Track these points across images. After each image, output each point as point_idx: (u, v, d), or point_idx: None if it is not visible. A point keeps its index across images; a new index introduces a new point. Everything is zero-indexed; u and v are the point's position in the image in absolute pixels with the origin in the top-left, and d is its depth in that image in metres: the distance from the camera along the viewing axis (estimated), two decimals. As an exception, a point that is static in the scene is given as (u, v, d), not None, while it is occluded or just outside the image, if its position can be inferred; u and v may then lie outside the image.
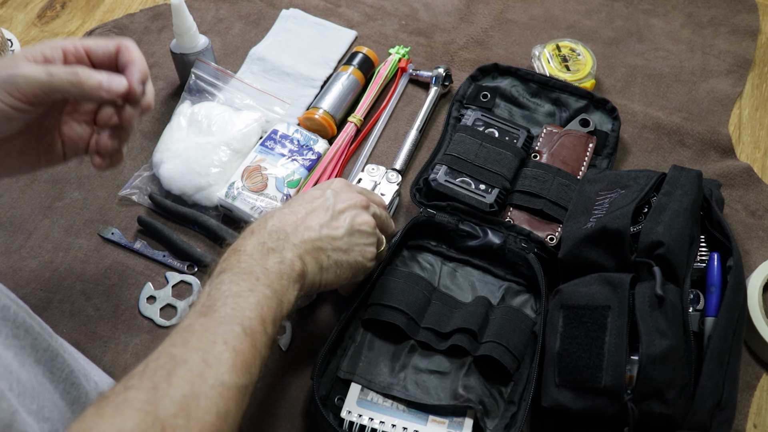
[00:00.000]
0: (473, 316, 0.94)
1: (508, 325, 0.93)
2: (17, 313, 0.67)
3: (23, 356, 0.67)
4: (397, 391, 0.90)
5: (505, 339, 0.91)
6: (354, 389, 0.89)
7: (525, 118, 1.18)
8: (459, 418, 0.88)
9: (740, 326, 0.89)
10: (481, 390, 0.90)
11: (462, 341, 0.92)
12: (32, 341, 0.68)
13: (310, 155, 1.12)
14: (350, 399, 0.88)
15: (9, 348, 0.65)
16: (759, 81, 1.29)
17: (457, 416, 0.89)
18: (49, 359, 0.70)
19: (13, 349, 0.66)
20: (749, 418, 0.93)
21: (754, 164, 1.17)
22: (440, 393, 0.90)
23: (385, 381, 0.91)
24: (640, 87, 1.27)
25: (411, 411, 0.89)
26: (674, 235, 0.88)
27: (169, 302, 1.00)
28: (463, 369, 0.92)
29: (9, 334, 0.66)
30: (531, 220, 1.04)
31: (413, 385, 0.91)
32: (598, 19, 1.37)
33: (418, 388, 0.90)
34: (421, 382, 0.91)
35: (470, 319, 0.93)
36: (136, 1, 1.39)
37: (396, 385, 0.91)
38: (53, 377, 0.70)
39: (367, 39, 1.33)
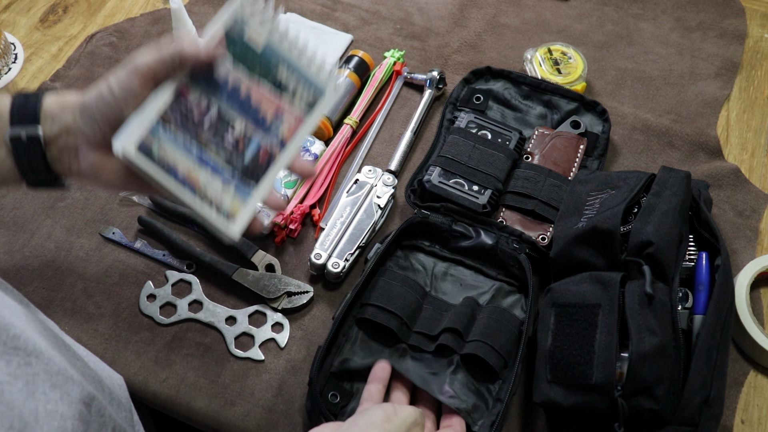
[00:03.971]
0: (460, 316, 0.95)
1: (495, 324, 0.94)
2: (28, 340, 0.66)
3: (35, 384, 0.66)
4: (395, 362, 0.92)
5: (490, 338, 0.92)
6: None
7: (517, 120, 1.19)
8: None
9: (728, 324, 0.90)
10: (468, 388, 0.92)
11: (448, 340, 0.93)
12: (45, 366, 0.67)
13: (307, 156, 1.13)
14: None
15: (19, 378, 0.64)
16: (746, 84, 1.30)
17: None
18: (62, 382, 0.69)
19: (24, 378, 0.65)
20: (737, 413, 0.94)
21: (742, 165, 1.18)
22: (430, 389, 0.91)
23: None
24: (630, 90, 1.28)
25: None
26: (663, 235, 0.89)
27: (168, 300, 1.01)
28: (451, 367, 0.93)
29: (21, 362, 0.65)
30: (523, 220, 1.05)
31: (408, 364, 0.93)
32: (588, 23, 1.38)
33: (409, 372, 0.91)
34: (410, 368, 0.93)
35: (456, 320, 0.95)
36: (136, 6, 1.40)
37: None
38: (67, 401, 0.68)
39: (363, 43, 1.34)
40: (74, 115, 0.77)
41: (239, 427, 0.92)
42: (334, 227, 1.04)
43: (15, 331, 0.65)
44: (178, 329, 0.99)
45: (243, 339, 0.99)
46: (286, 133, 0.81)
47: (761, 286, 1.05)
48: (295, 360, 0.97)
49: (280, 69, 0.81)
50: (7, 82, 1.26)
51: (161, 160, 0.74)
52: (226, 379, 0.95)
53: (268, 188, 0.81)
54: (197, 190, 0.76)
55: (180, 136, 0.76)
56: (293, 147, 0.82)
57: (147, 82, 0.74)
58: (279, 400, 0.94)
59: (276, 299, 1.01)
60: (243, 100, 0.79)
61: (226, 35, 0.77)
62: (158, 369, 0.96)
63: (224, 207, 0.78)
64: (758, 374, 0.98)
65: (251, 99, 0.79)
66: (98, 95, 0.75)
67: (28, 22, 1.36)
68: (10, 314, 0.67)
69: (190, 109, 0.76)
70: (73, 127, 0.77)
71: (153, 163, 0.74)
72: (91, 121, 0.76)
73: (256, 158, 0.80)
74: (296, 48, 0.82)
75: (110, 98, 0.74)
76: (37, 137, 0.76)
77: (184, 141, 0.76)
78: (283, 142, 0.81)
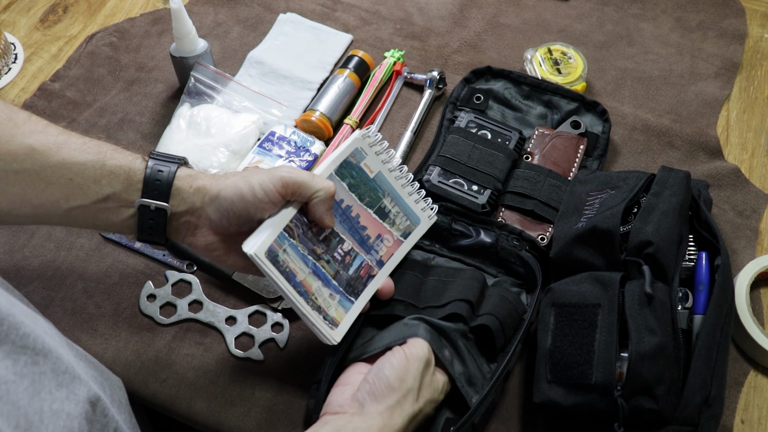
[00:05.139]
0: (470, 288, 0.95)
1: (506, 303, 0.94)
2: (37, 339, 0.67)
3: (41, 383, 0.66)
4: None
5: (501, 316, 0.92)
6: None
7: (517, 120, 1.19)
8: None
9: (728, 324, 0.90)
10: (469, 359, 0.91)
11: (461, 308, 0.92)
12: (52, 366, 0.68)
13: (307, 156, 1.13)
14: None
15: (25, 377, 0.65)
16: (746, 84, 1.30)
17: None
18: (69, 382, 0.70)
19: (30, 377, 0.65)
20: (737, 413, 0.94)
21: (742, 165, 1.18)
22: (429, 336, 0.89)
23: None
24: (630, 90, 1.28)
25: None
26: (663, 235, 0.89)
27: (168, 300, 1.01)
28: (457, 333, 0.91)
29: (29, 361, 0.66)
30: (522, 220, 1.05)
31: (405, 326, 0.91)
32: (588, 24, 1.38)
33: (407, 327, 0.90)
34: (410, 323, 0.91)
35: (467, 291, 0.94)
36: (136, 6, 1.40)
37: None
38: (73, 400, 0.69)
39: (363, 43, 1.34)
40: (204, 200, 0.82)
41: (239, 427, 0.92)
42: (334, 227, 1.04)
43: (25, 329, 0.66)
44: (178, 329, 0.99)
45: (243, 339, 0.99)
46: (384, 254, 0.93)
47: (761, 286, 1.04)
48: (295, 360, 0.97)
49: (386, 196, 0.93)
50: (7, 82, 1.26)
51: (283, 266, 0.83)
52: (226, 379, 0.95)
53: (366, 302, 0.91)
54: (310, 296, 0.85)
55: (300, 246, 0.85)
56: (389, 267, 0.94)
57: (286, 195, 0.82)
58: (279, 400, 0.94)
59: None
60: (353, 220, 0.90)
61: (345, 161, 0.89)
62: (158, 369, 0.96)
63: (330, 314, 0.86)
64: (758, 374, 0.98)
65: (359, 220, 0.90)
66: (237, 193, 0.81)
67: (28, 22, 1.36)
68: (19, 313, 0.67)
69: (309, 225, 0.86)
70: (200, 211, 0.83)
71: (276, 268, 0.82)
72: (221, 212, 0.82)
73: (357, 273, 0.90)
74: (402, 179, 0.94)
75: (250, 198, 0.81)
76: (164, 210, 0.82)
77: (303, 251, 0.85)
78: (381, 261, 0.93)
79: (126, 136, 1.18)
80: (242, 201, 0.80)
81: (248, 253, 0.80)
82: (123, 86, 1.26)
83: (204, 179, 0.83)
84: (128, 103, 1.23)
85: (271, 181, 0.80)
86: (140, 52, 1.31)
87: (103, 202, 0.81)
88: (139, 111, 1.22)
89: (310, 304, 0.84)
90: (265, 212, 0.82)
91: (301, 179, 0.82)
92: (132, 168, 0.81)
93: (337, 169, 0.88)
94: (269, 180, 0.81)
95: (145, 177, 0.81)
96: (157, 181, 0.81)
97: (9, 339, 0.64)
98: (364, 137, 0.90)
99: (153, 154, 0.83)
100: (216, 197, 0.81)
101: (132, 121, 1.20)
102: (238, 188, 0.81)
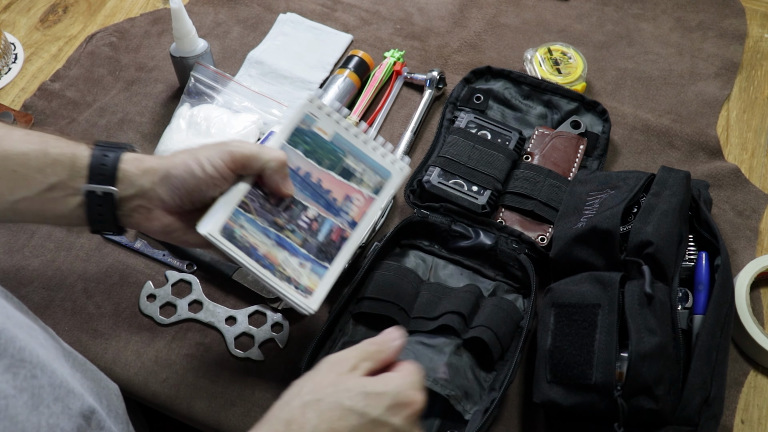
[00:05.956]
0: (463, 300, 0.95)
1: (500, 313, 0.94)
2: (33, 351, 0.66)
3: (41, 397, 0.66)
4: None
5: (495, 326, 0.92)
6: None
7: (517, 120, 1.19)
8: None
9: (728, 324, 0.90)
10: (465, 373, 0.91)
11: (453, 321, 0.93)
12: (48, 378, 0.67)
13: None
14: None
15: (25, 390, 0.64)
16: (746, 84, 1.30)
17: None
18: (64, 395, 0.69)
19: (30, 391, 0.64)
20: (737, 413, 0.94)
21: (742, 165, 1.18)
22: (421, 362, 0.87)
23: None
24: (630, 90, 1.28)
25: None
26: (663, 235, 0.89)
27: (168, 300, 1.01)
28: (451, 347, 0.93)
29: (28, 375, 0.65)
30: (522, 221, 1.05)
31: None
32: (588, 24, 1.38)
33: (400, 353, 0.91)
34: (404, 348, 0.91)
35: (460, 303, 0.95)
36: (136, 6, 1.40)
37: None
38: (67, 414, 0.68)
39: (363, 43, 1.34)
40: (154, 181, 0.81)
41: (239, 427, 0.92)
42: (334, 227, 1.04)
43: (20, 343, 0.65)
44: (178, 329, 0.99)
45: (243, 339, 0.99)
46: (356, 214, 0.90)
47: (761, 286, 1.05)
48: (295, 360, 0.97)
49: (347, 156, 0.90)
50: (7, 82, 1.26)
51: (242, 241, 0.82)
52: (226, 379, 0.95)
53: (343, 265, 0.88)
54: (276, 268, 0.83)
55: (259, 220, 0.84)
56: (363, 225, 0.90)
57: (236, 169, 0.81)
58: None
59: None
60: (315, 186, 0.88)
61: (296, 129, 0.87)
62: (158, 369, 0.96)
63: (302, 283, 0.85)
64: (758, 374, 0.98)
65: (322, 185, 0.88)
66: (187, 170, 0.80)
67: (28, 21, 1.36)
68: (13, 326, 0.67)
69: (266, 196, 0.85)
70: (150, 192, 0.81)
71: (234, 245, 0.82)
72: (173, 191, 0.80)
73: (329, 238, 0.88)
74: (362, 135, 0.91)
75: (200, 175, 0.80)
76: (111, 194, 0.80)
77: (262, 224, 0.84)
78: (354, 221, 0.90)
79: (126, 136, 1.18)
80: (193, 178, 0.80)
81: (202, 233, 0.80)
82: (123, 86, 1.26)
83: (151, 161, 0.82)
84: (128, 103, 1.23)
85: (220, 155, 0.80)
86: (140, 52, 1.31)
87: (49, 191, 0.80)
88: (139, 111, 1.22)
89: (278, 276, 0.83)
90: (217, 188, 0.81)
91: (249, 152, 0.81)
92: (76, 155, 0.80)
93: (288, 139, 0.87)
94: (218, 155, 0.80)
95: (90, 162, 0.80)
96: (102, 165, 0.80)
97: (8, 353, 0.64)
98: (311, 101, 0.88)
99: (98, 142, 0.82)
100: (166, 176, 0.80)
101: (132, 121, 1.20)
102: (188, 165, 0.80)
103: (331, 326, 0.94)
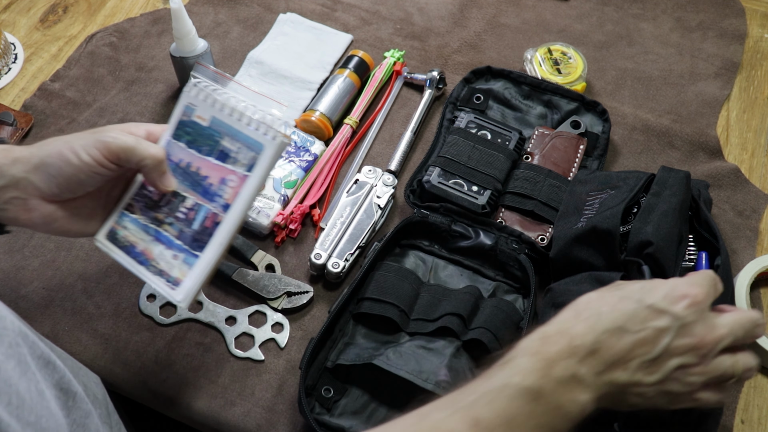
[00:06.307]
0: (462, 302, 0.95)
1: (500, 314, 0.94)
2: (14, 322, 0.68)
3: (25, 364, 0.68)
4: (379, 360, 0.91)
5: (494, 327, 0.92)
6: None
7: (517, 120, 1.19)
8: None
9: (728, 324, 0.91)
10: (465, 374, 0.91)
11: (452, 323, 0.93)
12: (29, 349, 0.69)
13: (307, 156, 1.13)
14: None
15: (11, 357, 0.66)
16: (746, 84, 1.30)
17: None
18: (44, 365, 0.71)
19: (16, 358, 0.66)
20: (737, 414, 0.94)
21: (742, 165, 1.18)
22: (422, 366, 0.90)
23: (367, 353, 0.93)
24: (630, 90, 1.28)
25: None
26: (663, 235, 0.89)
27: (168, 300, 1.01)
28: (450, 349, 0.93)
29: (12, 342, 0.67)
30: (522, 221, 1.05)
31: (396, 355, 0.91)
32: (588, 24, 1.38)
33: (401, 358, 0.91)
34: (405, 353, 0.92)
35: (459, 305, 0.95)
36: (136, 6, 1.40)
37: (377, 356, 0.92)
38: (47, 384, 0.71)
39: (363, 43, 1.34)
40: (26, 170, 0.78)
41: (239, 427, 0.92)
42: (334, 227, 1.04)
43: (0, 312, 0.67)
44: (178, 329, 0.99)
45: (243, 339, 0.99)
46: (229, 196, 0.85)
47: (761, 286, 1.05)
48: (295, 360, 0.97)
49: (224, 138, 0.86)
50: (7, 82, 1.26)
51: (123, 242, 0.87)
52: (226, 379, 0.95)
53: (217, 251, 0.85)
54: (150, 263, 0.85)
55: (142, 218, 0.87)
56: (237, 207, 0.85)
57: (113, 160, 0.79)
58: (279, 400, 0.94)
59: (276, 299, 1.01)
60: (194, 175, 0.86)
61: (179, 122, 0.87)
62: (158, 369, 0.96)
63: (173, 275, 0.85)
64: (758, 374, 0.98)
65: (200, 172, 0.86)
66: (62, 158, 0.78)
67: (28, 21, 1.36)
68: None
69: (150, 194, 0.87)
70: (23, 182, 0.79)
71: (115, 245, 0.87)
72: (50, 179, 0.79)
73: (202, 226, 0.85)
74: (236, 112, 0.86)
75: (76, 163, 0.78)
76: None
77: (144, 222, 0.87)
78: (227, 204, 0.85)
79: (126, 136, 1.18)
80: (69, 166, 0.78)
81: (95, 242, 0.86)
82: (123, 86, 1.26)
83: (21, 150, 0.80)
84: (128, 103, 1.23)
85: (95, 145, 0.78)
86: (140, 52, 1.31)
87: None
88: (139, 111, 1.22)
89: (151, 270, 0.85)
90: (98, 176, 0.80)
91: (126, 144, 0.79)
92: None
93: (173, 134, 0.87)
94: (93, 144, 0.78)
95: None
96: None
97: None
98: (188, 91, 0.87)
99: None
100: (41, 164, 0.78)
101: (132, 121, 1.20)
102: (62, 154, 0.78)
103: (331, 326, 0.94)
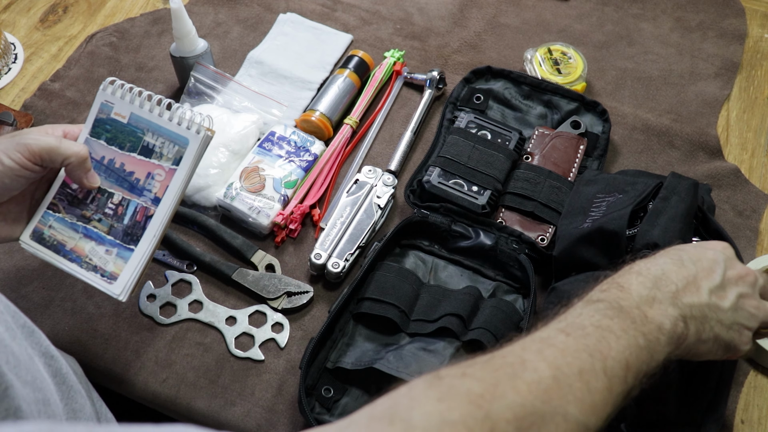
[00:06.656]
0: (462, 302, 0.95)
1: (499, 314, 0.94)
2: None
3: (12, 330, 0.69)
4: (380, 364, 0.91)
5: (494, 328, 0.92)
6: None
7: (517, 120, 1.19)
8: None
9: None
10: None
11: (452, 324, 0.93)
12: (12, 318, 0.71)
13: (307, 156, 1.13)
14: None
15: (0, 323, 0.68)
16: (746, 84, 1.30)
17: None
18: (29, 334, 0.73)
19: (4, 324, 0.68)
20: (737, 413, 0.94)
21: (742, 165, 1.18)
22: (423, 368, 0.90)
23: (368, 356, 0.93)
24: (630, 90, 1.28)
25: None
26: (669, 238, 0.88)
27: (168, 300, 1.01)
28: (451, 350, 0.93)
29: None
30: (522, 221, 1.05)
31: (396, 358, 0.92)
32: (588, 24, 1.38)
33: (401, 361, 0.91)
34: (405, 355, 0.92)
35: (459, 306, 0.95)
36: (136, 6, 1.40)
37: (378, 359, 0.92)
38: (35, 351, 0.73)
39: (363, 43, 1.34)
40: None
41: (239, 427, 0.92)
42: (334, 227, 1.04)
43: None
44: (178, 329, 0.99)
45: (243, 339, 0.99)
46: (158, 189, 0.88)
47: (761, 286, 1.05)
48: (295, 360, 0.97)
49: (147, 133, 0.88)
50: (7, 82, 1.26)
51: (50, 241, 0.88)
52: (226, 379, 0.95)
53: (151, 243, 0.88)
54: (83, 260, 0.88)
55: (68, 216, 0.89)
56: (167, 200, 0.88)
57: (36, 162, 0.81)
58: (279, 400, 0.94)
59: (276, 299, 1.01)
60: (118, 171, 0.89)
61: (96, 120, 0.89)
62: (158, 369, 0.96)
63: (108, 270, 0.87)
64: (758, 374, 0.98)
65: (125, 168, 0.89)
66: None
67: (28, 22, 1.36)
68: None
69: (74, 192, 0.89)
70: None
71: (42, 245, 0.88)
72: None
73: (134, 220, 0.88)
74: (156, 109, 0.88)
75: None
76: None
77: (71, 220, 0.89)
78: (157, 197, 0.88)
79: (126, 136, 1.18)
80: None
81: (20, 243, 0.88)
82: (123, 86, 1.26)
83: None
84: (128, 103, 1.23)
85: (17, 148, 0.80)
86: (140, 52, 1.31)
87: None
88: (139, 111, 1.22)
89: (85, 267, 0.87)
90: (22, 179, 0.81)
91: (48, 145, 0.81)
92: None
93: (90, 132, 0.89)
94: (14, 148, 0.80)
95: None
96: None
97: None
98: (103, 89, 0.89)
99: None
100: None
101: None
102: None
103: (331, 326, 0.94)
